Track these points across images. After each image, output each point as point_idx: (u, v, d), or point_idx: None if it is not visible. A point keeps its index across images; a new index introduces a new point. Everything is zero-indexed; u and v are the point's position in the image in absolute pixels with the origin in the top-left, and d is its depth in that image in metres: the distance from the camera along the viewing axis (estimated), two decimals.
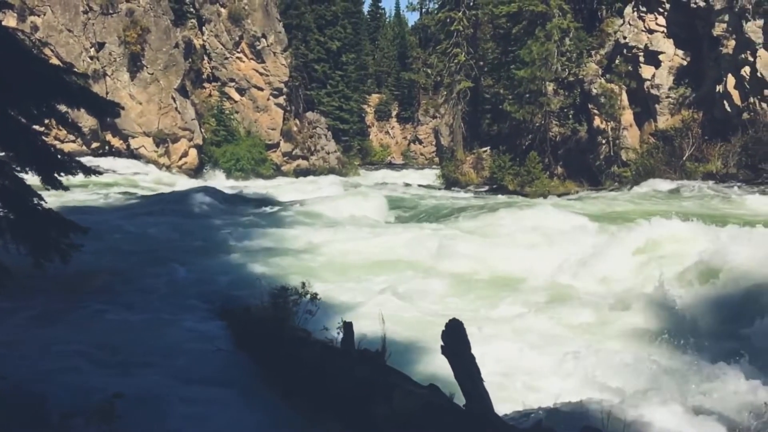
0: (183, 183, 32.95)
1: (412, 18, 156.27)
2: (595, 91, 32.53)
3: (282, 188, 32.08)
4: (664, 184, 26.62)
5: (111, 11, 38.08)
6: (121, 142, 38.55)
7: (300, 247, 15.03)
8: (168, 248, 14.13)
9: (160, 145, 38.72)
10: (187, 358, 7.50)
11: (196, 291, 11.00)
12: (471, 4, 41.51)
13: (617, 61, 32.74)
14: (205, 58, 44.15)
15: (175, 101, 38.70)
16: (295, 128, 47.46)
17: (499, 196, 29.79)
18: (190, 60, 42.18)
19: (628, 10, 32.73)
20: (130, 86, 38.21)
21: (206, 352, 7.56)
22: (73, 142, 35.55)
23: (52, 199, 10.24)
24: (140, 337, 8.35)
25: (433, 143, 63.90)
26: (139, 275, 11.79)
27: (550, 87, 33.85)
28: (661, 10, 31.39)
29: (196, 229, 17.17)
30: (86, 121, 32.94)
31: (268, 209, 21.92)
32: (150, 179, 34.28)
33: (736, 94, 27.85)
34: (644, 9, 31.90)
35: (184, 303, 10.27)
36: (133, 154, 38.33)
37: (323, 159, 49.37)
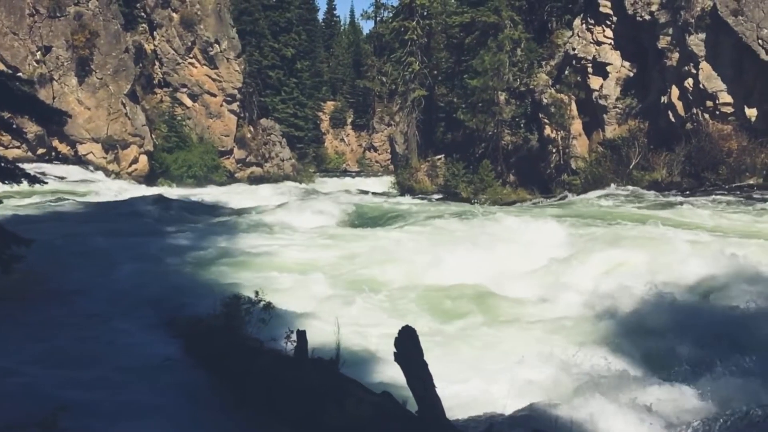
0: (133, 190, 32.27)
1: (366, 26, 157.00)
2: (545, 100, 33.22)
3: (233, 195, 31.70)
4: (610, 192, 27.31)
5: (58, 14, 37.13)
6: (69, 148, 37.54)
7: (252, 254, 14.90)
8: (116, 257, 13.80)
9: (109, 151, 37.86)
10: (136, 368, 7.34)
11: (146, 300, 10.78)
12: (425, 13, 41.97)
13: (567, 72, 33.53)
14: (157, 63, 43.42)
15: (124, 107, 37.94)
16: (249, 135, 47.05)
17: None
18: (141, 65, 41.42)
19: (577, 22, 33.58)
20: (78, 91, 37.29)
21: (156, 362, 7.42)
22: (18, 148, 34.53)
23: None
24: (87, 347, 8.15)
25: (388, 151, 64.21)
26: (86, 285, 11.49)
27: (502, 96, 34.44)
28: (608, 22, 32.31)
29: (146, 237, 16.84)
30: (31, 126, 31.89)
31: (219, 217, 21.67)
32: (98, 186, 33.44)
33: (680, 105, 28.83)
34: (592, 21, 32.78)
35: (133, 312, 10.06)
36: (81, 161, 37.37)
37: (278, 166, 49.04)
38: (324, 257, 14.76)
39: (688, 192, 25.98)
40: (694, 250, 12.72)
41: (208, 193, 32.90)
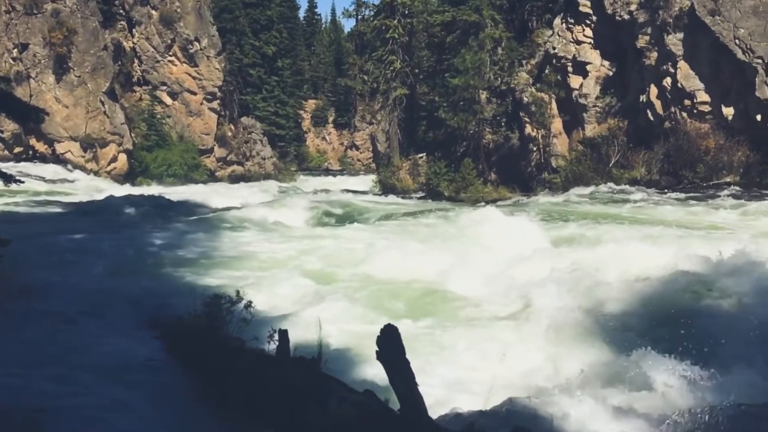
0: (111, 189, 31.92)
1: (348, 24, 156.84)
2: (526, 99, 33.39)
3: (211, 195, 31.41)
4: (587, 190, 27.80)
5: (35, 11, 36.68)
6: (46, 146, 37.11)
7: (232, 254, 14.85)
8: (94, 258, 13.66)
9: (87, 150, 37.48)
10: (116, 369, 7.26)
11: (125, 301, 10.66)
12: (406, 12, 41.96)
13: (547, 71, 33.72)
14: (136, 61, 43.04)
15: (103, 105, 37.56)
16: (229, 133, 46.80)
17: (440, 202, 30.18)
18: (120, 63, 41.04)
19: (557, 21, 33.78)
20: (55, 89, 36.85)
21: (135, 363, 7.35)
22: None
23: None
24: (64, 348, 8.04)
25: (370, 149, 64.19)
26: (64, 286, 11.33)
27: (484, 95, 34.55)
28: (588, 22, 32.54)
29: (124, 237, 16.66)
30: (8, 125, 31.65)
31: (199, 216, 21.52)
32: (76, 185, 33.10)
33: (658, 104, 29.14)
34: (572, 21, 33.00)
35: (112, 313, 9.95)
36: (58, 160, 36.97)
37: (259, 165, 48.86)
38: (295, 255, 14.77)
39: (667, 190, 26.32)
40: (652, 245, 12.99)
41: (185, 192, 32.52)
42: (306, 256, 14.65)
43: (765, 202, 21.29)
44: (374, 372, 6.83)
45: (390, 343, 5.40)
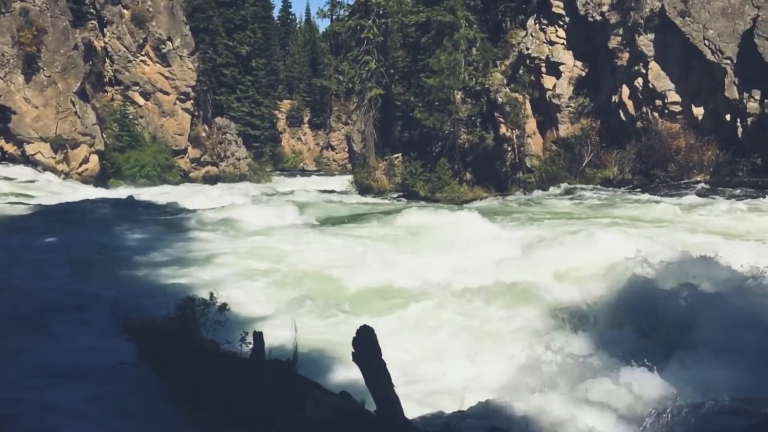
0: (83, 191, 31.40)
1: (322, 24, 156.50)
2: (500, 100, 33.61)
3: (182, 196, 31.00)
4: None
5: (3, 10, 35.97)
6: (16, 147, 36.40)
7: (206, 255, 14.64)
8: (63, 261, 13.37)
9: (58, 151, 36.83)
10: (86, 375, 7.12)
11: (95, 304, 10.42)
12: (381, 12, 41.99)
13: (521, 72, 33.98)
14: (107, 60, 42.46)
15: (74, 105, 36.96)
16: (203, 134, 46.39)
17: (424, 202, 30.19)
18: (91, 62, 40.42)
19: (531, 22, 34.06)
20: (24, 89, 36.16)
21: (107, 368, 7.22)
22: None
23: None
24: (33, 353, 7.88)
25: (346, 150, 64.18)
26: (30, 290, 11.06)
27: (459, 95, 34.72)
28: (561, 23, 32.86)
29: (95, 240, 16.32)
30: None
31: (171, 217, 21.23)
32: (46, 187, 32.51)
33: (630, 104, 29.51)
34: (545, 21, 33.29)
35: (82, 317, 9.73)
36: (28, 161, 36.28)
37: (234, 165, 48.50)
38: (282, 257, 14.62)
39: (639, 189, 26.66)
40: (613, 241, 13.20)
41: (156, 193, 32.00)
42: (272, 257, 14.50)
43: (711, 198, 21.95)
44: (346, 374, 6.81)
45: (366, 344, 5.38)
